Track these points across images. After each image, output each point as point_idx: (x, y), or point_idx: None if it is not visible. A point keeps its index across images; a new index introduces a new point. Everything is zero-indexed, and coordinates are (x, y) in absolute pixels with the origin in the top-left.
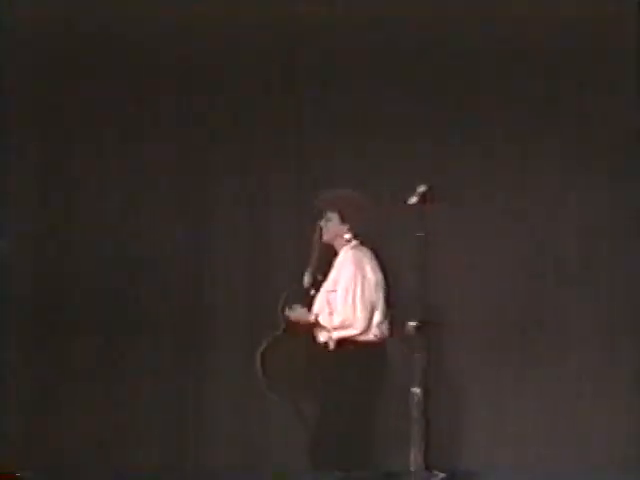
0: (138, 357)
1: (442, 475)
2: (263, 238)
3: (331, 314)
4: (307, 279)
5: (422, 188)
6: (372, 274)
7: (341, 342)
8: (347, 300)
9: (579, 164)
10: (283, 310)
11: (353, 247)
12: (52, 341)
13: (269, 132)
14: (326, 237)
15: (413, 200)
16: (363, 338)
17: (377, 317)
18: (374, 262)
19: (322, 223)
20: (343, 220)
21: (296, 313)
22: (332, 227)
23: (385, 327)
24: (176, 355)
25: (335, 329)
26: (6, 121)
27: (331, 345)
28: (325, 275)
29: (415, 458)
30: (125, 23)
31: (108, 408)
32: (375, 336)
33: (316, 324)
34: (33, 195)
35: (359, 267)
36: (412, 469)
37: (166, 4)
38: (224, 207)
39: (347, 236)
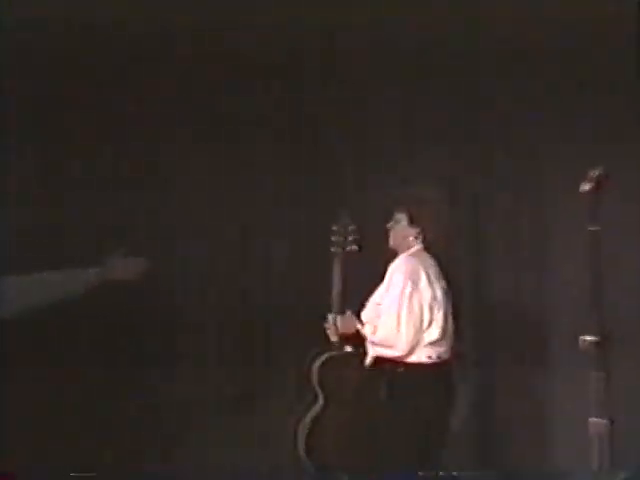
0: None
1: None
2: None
3: (376, 330)
4: (330, 320)
5: (596, 172)
6: (428, 286)
7: (385, 361)
8: (391, 315)
9: None
10: (320, 375)
11: (411, 253)
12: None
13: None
14: (393, 242)
15: (586, 187)
16: (414, 360)
17: (433, 334)
18: (434, 271)
19: (390, 225)
20: (412, 222)
21: (342, 322)
22: (400, 230)
23: (444, 349)
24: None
25: (375, 344)
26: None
27: (367, 360)
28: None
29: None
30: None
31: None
32: (429, 357)
33: (362, 335)
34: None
35: (411, 277)
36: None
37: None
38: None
39: (410, 239)
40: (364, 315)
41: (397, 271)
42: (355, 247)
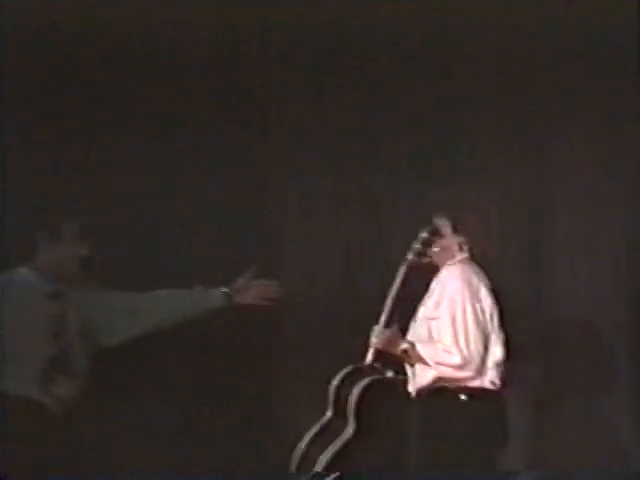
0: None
1: None
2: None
3: (446, 351)
4: (376, 333)
5: None
6: (487, 294)
7: (436, 388)
8: (458, 330)
9: None
10: (360, 401)
11: (460, 261)
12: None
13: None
14: (433, 253)
15: None
16: (477, 384)
17: (497, 354)
18: (488, 283)
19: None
20: (456, 230)
21: (384, 336)
22: (443, 239)
23: (503, 372)
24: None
25: (440, 364)
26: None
27: (415, 387)
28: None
29: None
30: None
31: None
32: (492, 383)
33: (409, 357)
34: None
35: (469, 286)
36: None
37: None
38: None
39: (454, 249)
40: (412, 334)
41: (451, 280)
42: (430, 259)
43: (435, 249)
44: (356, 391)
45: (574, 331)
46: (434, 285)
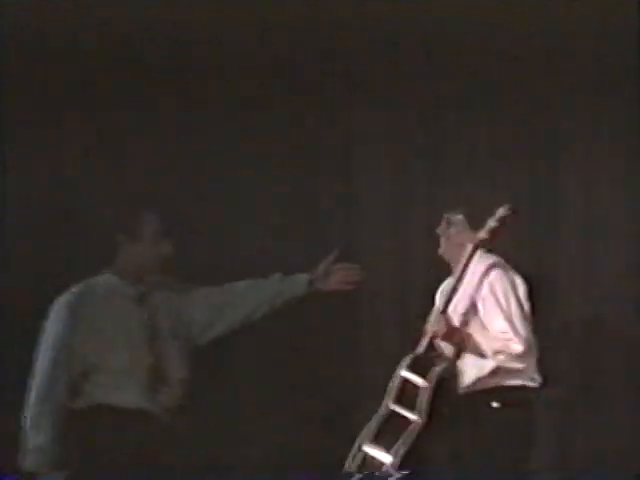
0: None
1: None
2: None
3: (508, 339)
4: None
5: None
6: (523, 287)
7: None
8: (511, 320)
9: None
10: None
11: (485, 253)
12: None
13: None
14: (445, 250)
15: None
16: (517, 383)
17: (535, 350)
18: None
19: (441, 229)
20: (471, 226)
21: (441, 324)
22: (456, 235)
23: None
24: None
25: (498, 353)
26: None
27: (486, 369)
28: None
29: None
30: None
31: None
32: (532, 380)
33: (462, 347)
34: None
35: (507, 274)
36: None
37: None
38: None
39: (469, 246)
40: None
41: (489, 266)
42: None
43: (442, 230)
44: (429, 381)
45: (591, 331)
46: (471, 272)
